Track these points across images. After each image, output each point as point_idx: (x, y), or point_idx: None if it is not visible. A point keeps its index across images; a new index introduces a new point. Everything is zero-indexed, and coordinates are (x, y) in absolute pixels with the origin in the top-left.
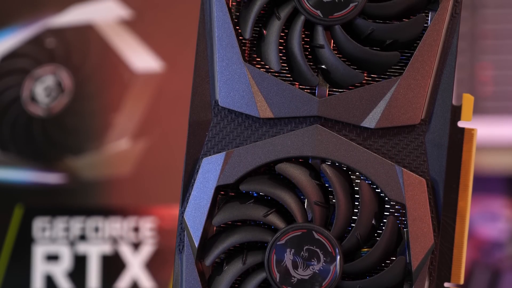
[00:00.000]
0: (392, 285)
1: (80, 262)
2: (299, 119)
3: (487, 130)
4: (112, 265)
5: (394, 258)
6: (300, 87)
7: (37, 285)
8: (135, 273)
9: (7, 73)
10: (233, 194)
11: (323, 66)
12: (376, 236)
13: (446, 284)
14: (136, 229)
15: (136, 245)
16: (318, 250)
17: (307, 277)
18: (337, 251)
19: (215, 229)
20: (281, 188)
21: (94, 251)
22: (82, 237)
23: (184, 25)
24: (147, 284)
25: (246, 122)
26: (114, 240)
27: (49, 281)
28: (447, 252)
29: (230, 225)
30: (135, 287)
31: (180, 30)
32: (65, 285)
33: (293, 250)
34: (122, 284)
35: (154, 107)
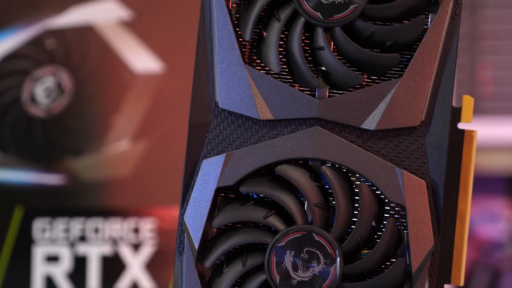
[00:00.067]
0: (392, 287)
1: (80, 263)
2: (299, 121)
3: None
4: (112, 266)
5: (394, 260)
6: (300, 89)
7: (37, 286)
8: (135, 274)
9: (7, 74)
10: (233, 196)
11: (323, 68)
12: (376, 238)
13: (446, 286)
14: (136, 230)
15: (136, 246)
16: (318, 252)
17: (307, 279)
18: (337, 253)
19: (215, 231)
20: (281, 190)
21: (94, 252)
22: (82, 238)
23: (184, 26)
24: (147, 285)
25: (246, 124)
26: (114, 241)
27: (49, 282)
28: (447, 254)
29: (230, 227)
30: None
31: (180, 31)
32: (65, 286)
33: (293, 252)
34: (122, 285)
35: (154, 108)
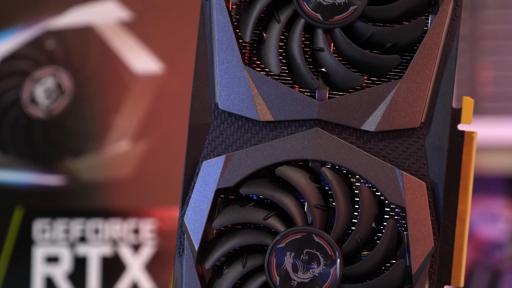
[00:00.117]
0: None
1: (80, 264)
2: (299, 122)
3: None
4: (112, 267)
5: (394, 261)
6: (300, 90)
7: (37, 287)
8: (135, 275)
9: (7, 75)
10: (233, 197)
11: (323, 69)
12: (376, 239)
13: (446, 287)
14: (136, 231)
15: (136, 247)
16: (318, 253)
17: (307, 280)
18: (337, 254)
19: (215, 232)
20: (281, 191)
21: (94, 253)
22: (82, 239)
23: (184, 27)
24: (147, 286)
25: (246, 125)
26: (114, 242)
27: (49, 283)
28: (447, 255)
29: (230, 228)
30: None
31: (180, 32)
32: (65, 287)
33: (293, 253)
34: (122, 286)
35: (154, 109)
